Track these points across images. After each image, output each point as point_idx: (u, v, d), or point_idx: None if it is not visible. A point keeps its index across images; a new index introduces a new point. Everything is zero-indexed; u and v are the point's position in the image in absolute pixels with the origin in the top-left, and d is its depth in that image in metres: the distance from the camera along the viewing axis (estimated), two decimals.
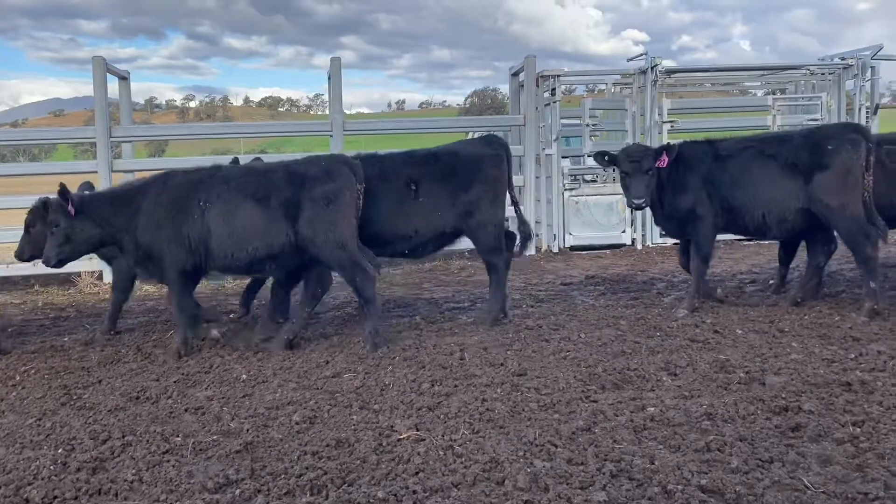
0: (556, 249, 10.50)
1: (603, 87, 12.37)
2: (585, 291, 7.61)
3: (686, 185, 6.17)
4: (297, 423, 3.94)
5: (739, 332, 5.49)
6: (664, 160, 6.10)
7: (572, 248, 10.52)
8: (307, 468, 3.35)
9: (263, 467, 3.42)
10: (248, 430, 3.87)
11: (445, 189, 5.94)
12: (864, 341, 5.08)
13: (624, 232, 10.66)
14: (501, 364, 4.90)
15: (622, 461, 3.25)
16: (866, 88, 10.65)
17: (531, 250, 10.43)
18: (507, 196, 6.20)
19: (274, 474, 3.33)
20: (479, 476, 3.19)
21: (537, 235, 10.64)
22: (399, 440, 3.66)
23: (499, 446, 3.49)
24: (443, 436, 3.66)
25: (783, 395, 4.00)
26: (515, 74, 11.16)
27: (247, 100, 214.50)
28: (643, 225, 10.71)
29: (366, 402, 4.25)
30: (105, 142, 9.17)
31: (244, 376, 4.89)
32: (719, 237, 6.56)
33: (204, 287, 7.76)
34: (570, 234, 10.54)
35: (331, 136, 9.84)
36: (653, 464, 3.21)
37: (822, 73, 11.02)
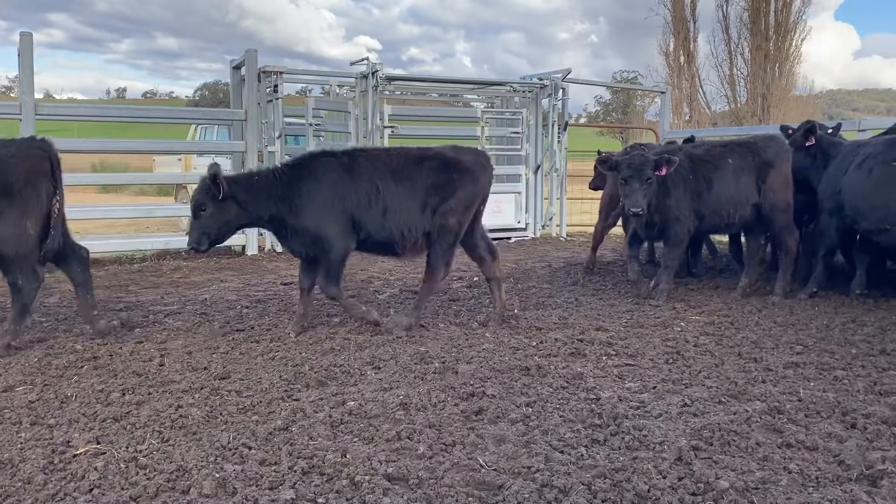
0: (279, 249, 10.33)
1: (345, 89, 12.43)
2: None
3: None
4: None
5: (442, 325, 5.85)
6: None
7: None
8: None
9: None
10: None
11: None
12: (545, 330, 5.68)
13: None
14: (205, 368, 4.69)
15: (315, 457, 3.27)
16: (558, 107, 12.01)
17: (253, 250, 10.18)
18: None
19: None
20: (162, 486, 3.00)
21: (261, 234, 10.42)
22: (75, 456, 3.32)
23: (188, 454, 3.32)
24: (127, 447, 3.39)
25: (471, 382, 4.32)
26: (237, 68, 10.80)
27: None
28: None
29: (40, 417, 3.79)
30: None
31: None
32: None
33: None
34: None
35: (20, 119, 8.72)
36: (345, 457, 3.27)
37: (524, 91, 12.19)
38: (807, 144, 7.09)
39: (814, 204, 7.11)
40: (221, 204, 5.40)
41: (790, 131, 7.56)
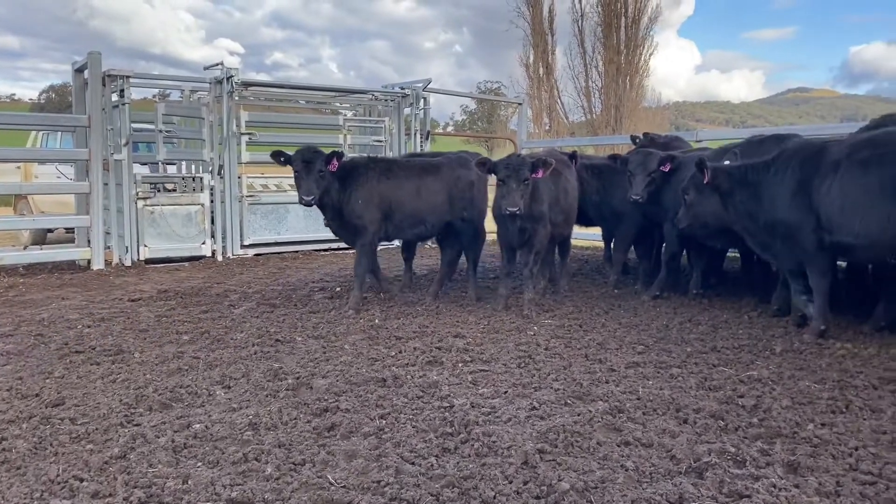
0: (128, 263, 9.79)
1: (202, 94, 11.91)
2: (155, 307, 7.21)
3: None
4: None
5: (299, 339, 5.74)
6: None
7: (148, 262, 9.92)
8: None
9: None
10: None
11: None
12: (404, 339, 5.70)
13: (204, 243, 10.42)
14: (36, 395, 4.35)
15: (154, 486, 3.10)
16: (420, 116, 12.14)
17: (100, 264, 9.59)
18: None
19: None
20: None
21: (108, 247, 9.83)
22: None
23: (10, 491, 3.06)
24: None
25: (326, 397, 4.25)
26: (80, 71, 10.15)
27: None
28: (224, 236, 10.62)
29: None
30: None
31: None
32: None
33: None
34: (146, 245, 9.93)
35: None
36: (186, 483, 3.13)
37: (386, 100, 12.23)
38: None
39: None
40: None
41: (637, 140, 8.01)
